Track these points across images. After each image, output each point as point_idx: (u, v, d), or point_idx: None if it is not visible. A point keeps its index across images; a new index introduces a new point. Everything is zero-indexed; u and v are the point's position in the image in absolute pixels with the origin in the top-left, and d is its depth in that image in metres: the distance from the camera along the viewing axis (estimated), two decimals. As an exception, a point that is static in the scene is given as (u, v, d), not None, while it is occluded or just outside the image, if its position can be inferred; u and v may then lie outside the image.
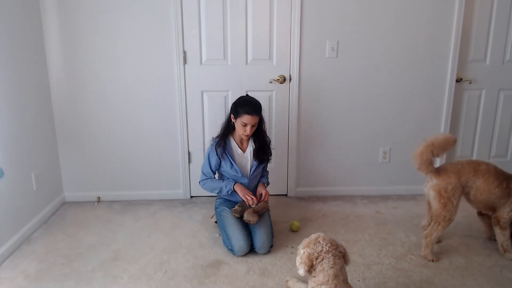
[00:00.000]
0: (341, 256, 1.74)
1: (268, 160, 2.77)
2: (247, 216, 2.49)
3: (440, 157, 2.33)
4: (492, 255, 2.46)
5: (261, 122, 2.63)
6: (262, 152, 2.70)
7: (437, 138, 2.30)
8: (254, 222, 2.49)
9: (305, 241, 1.79)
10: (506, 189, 2.33)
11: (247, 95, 2.72)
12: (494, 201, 2.36)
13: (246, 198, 2.56)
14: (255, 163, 2.69)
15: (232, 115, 2.60)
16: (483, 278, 2.24)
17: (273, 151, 2.81)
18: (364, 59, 3.14)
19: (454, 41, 3.13)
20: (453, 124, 3.36)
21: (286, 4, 3.00)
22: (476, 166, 2.35)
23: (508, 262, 2.40)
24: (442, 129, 3.31)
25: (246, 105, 2.53)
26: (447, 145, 2.31)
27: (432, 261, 2.39)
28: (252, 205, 2.55)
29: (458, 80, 3.26)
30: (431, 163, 2.34)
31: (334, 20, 3.05)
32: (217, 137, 2.67)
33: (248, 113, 2.50)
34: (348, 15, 3.05)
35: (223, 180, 2.71)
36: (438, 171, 2.37)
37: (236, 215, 2.56)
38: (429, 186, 2.40)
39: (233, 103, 2.62)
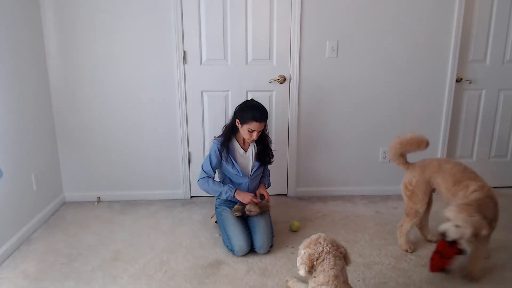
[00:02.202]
0: (342, 257, 1.74)
1: (270, 162, 2.77)
2: (249, 207, 2.51)
3: (409, 153, 2.51)
4: (492, 255, 2.46)
5: (265, 125, 2.61)
6: (264, 154, 2.69)
7: (407, 136, 2.44)
8: (256, 214, 2.51)
9: (306, 242, 1.79)
10: (462, 191, 2.22)
11: (251, 99, 2.68)
12: (451, 199, 2.34)
13: (249, 202, 2.55)
14: (256, 163, 2.68)
15: (237, 121, 2.57)
16: (483, 278, 2.23)
17: (274, 153, 2.79)
18: (364, 59, 3.14)
19: (454, 41, 3.13)
20: (453, 124, 3.36)
21: (286, 4, 3.00)
22: (442, 164, 2.37)
23: (508, 262, 2.40)
24: (442, 129, 3.31)
25: (254, 111, 2.49)
26: (415, 144, 2.42)
27: (407, 251, 2.48)
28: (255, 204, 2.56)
29: (458, 80, 3.26)
30: (401, 156, 2.48)
31: (334, 20, 3.05)
32: (219, 136, 2.66)
33: (257, 120, 2.48)
34: (348, 15, 3.05)
35: (224, 179, 2.71)
36: (409, 166, 2.49)
37: (238, 214, 2.55)
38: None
39: (238, 108, 2.59)
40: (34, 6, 2.88)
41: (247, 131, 2.52)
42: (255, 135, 2.52)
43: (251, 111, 2.50)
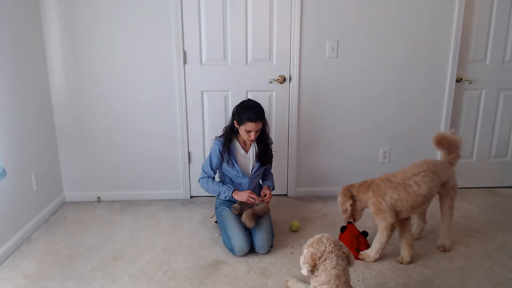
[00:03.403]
0: (345, 257, 1.74)
1: (270, 163, 2.77)
2: (245, 219, 2.48)
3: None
4: (492, 255, 2.46)
5: (264, 124, 2.59)
6: (265, 154, 2.69)
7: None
8: (251, 226, 2.49)
9: (309, 241, 1.79)
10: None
11: (248, 99, 2.68)
12: None
13: (249, 200, 2.55)
14: (257, 164, 2.68)
15: (235, 122, 2.57)
16: (483, 278, 2.24)
17: (274, 154, 2.79)
18: (364, 59, 3.14)
19: (454, 41, 3.13)
20: (453, 124, 3.36)
21: (286, 4, 3.00)
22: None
23: (508, 262, 2.40)
24: (442, 129, 3.31)
25: (249, 112, 2.48)
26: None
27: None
28: (254, 204, 2.55)
29: (458, 80, 3.26)
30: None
31: (334, 20, 3.05)
32: (220, 136, 2.66)
33: (252, 121, 2.47)
34: (348, 15, 3.05)
35: (224, 180, 2.71)
36: None
37: (235, 212, 2.56)
38: None
39: (235, 109, 2.58)
40: (35, 6, 2.88)
41: (245, 131, 2.52)
42: (253, 135, 2.52)
43: (246, 111, 2.49)
